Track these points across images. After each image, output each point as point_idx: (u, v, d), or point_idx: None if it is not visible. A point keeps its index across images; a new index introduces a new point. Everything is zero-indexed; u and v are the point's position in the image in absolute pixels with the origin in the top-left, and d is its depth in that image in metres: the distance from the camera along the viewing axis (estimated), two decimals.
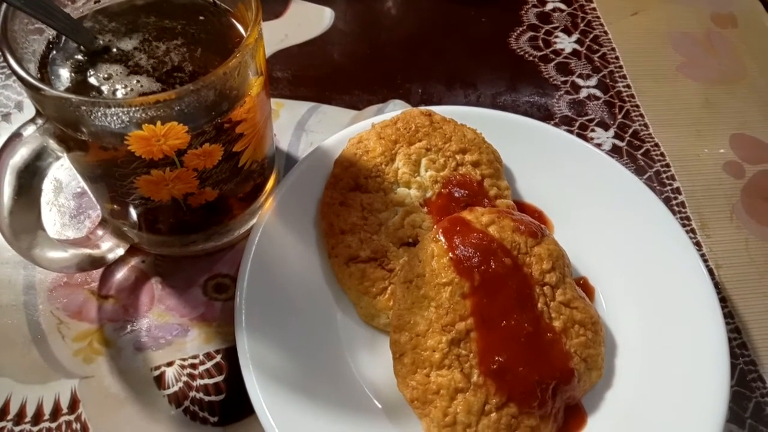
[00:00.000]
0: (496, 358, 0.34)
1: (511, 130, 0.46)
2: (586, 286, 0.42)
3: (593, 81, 0.56)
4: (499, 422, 0.34)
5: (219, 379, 0.38)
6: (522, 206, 0.44)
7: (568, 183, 0.45)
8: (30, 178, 0.31)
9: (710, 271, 0.43)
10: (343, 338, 0.39)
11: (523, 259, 0.37)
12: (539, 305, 0.36)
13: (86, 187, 0.41)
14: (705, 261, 0.45)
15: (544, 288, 0.37)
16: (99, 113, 0.29)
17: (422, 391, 0.34)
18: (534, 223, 0.39)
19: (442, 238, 0.36)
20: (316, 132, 0.50)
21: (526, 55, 0.58)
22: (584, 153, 0.46)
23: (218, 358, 0.39)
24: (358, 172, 0.42)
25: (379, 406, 0.37)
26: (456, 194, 0.41)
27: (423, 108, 0.45)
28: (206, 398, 0.37)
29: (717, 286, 0.40)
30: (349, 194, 0.41)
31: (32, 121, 0.31)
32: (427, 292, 0.35)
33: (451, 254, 0.36)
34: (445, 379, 0.34)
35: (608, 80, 0.56)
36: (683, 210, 0.48)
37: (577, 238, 0.42)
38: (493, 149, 0.44)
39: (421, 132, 0.43)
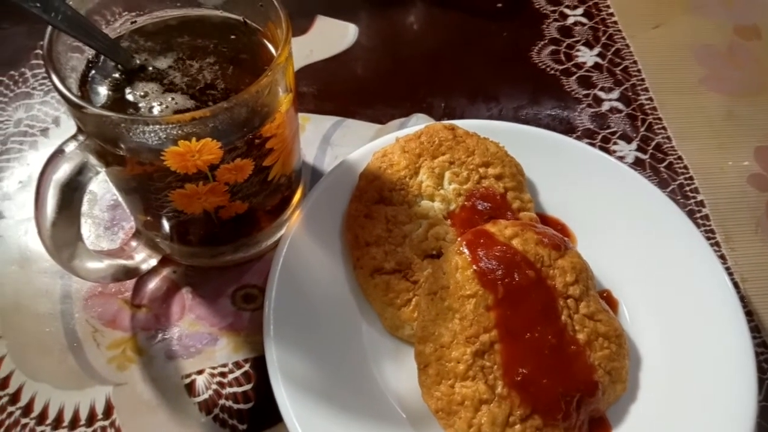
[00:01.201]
0: (521, 370, 0.35)
1: (534, 144, 0.47)
2: (609, 299, 0.42)
3: (615, 94, 0.57)
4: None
5: (248, 387, 0.39)
6: (545, 219, 0.45)
7: (591, 196, 0.45)
8: (71, 193, 0.32)
9: (735, 285, 0.43)
10: (368, 348, 0.40)
11: (546, 272, 0.37)
12: (563, 318, 0.37)
13: (121, 200, 0.42)
14: (730, 274, 0.44)
15: (568, 300, 0.37)
16: (137, 130, 0.31)
17: (447, 402, 0.35)
18: (557, 235, 0.39)
19: (466, 250, 0.37)
20: (341, 146, 0.51)
21: (548, 69, 0.58)
22: (607, 166, 0.46)
23: (247, 366, 0.40)
24: (383, 185, 0.43)
25: (404, 416, 0.37)
26: (479, 207, 0.42)
27: (446, 122, 0.46)
28: (235, 406, 0.38)
29: (743, 299, 0.40)
30: (374, 207, 0.42)
31: (74, 137, 0.32)
32: (451, 304, 0.36)
33: (475, 266, 0.36)
34: (469, 390, 0.34)
35: (630, 93, 0.57)
36: (707, 223, 0.48)
37: (601, 251, 0.42)
38: (516, 162, 0.45)
39: (445, 146, 0.44)
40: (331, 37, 0.59)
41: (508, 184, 0.43)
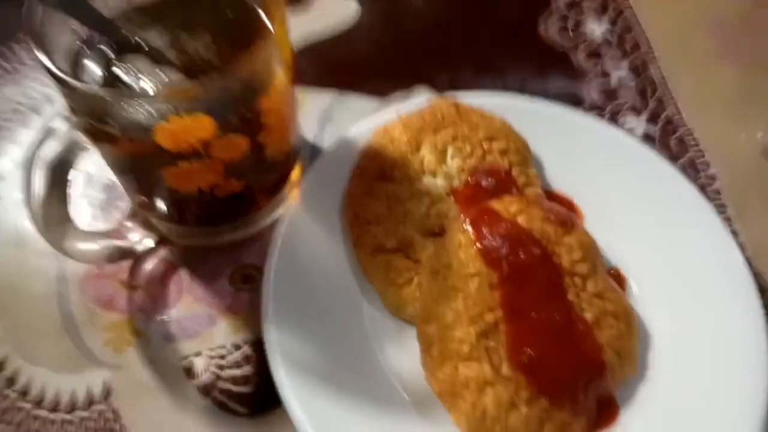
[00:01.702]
0: (526, 351, 0.34)
1: (540, 117, 0.45)
2: (618, 277, 0.41)
3: (624, 67, 0.55)
4: (530, 416, 0.33)
5: (247, 369, 0.38)
6: (552, 195, 0.43)
7: (599, 171, 0.44)
8: (60, 171, 0.31)
9: (748, 261, 0.42)
10: (369, 329, 0.39)
11: (552, 249, 0.36)
12: (570, 296, 0.36)
13: (115, 179, 0.41)
14: (743, 250, 0.43)
15: (575, 278, 0.36)
16: (125, 106, 0.30)
17: (450, 384, 0.34)
18: (564, 212, 0.38)
19: (469, 228, 0.36)
20: (341, 122, 0.49)
21: (555, 41, 0.56)
22: (615, 139, 0.44)
23: (246, 348, 0.39)
24: (384, 162, 0.41)
25: (407, 397, 0.36)
26: (483, 183, 0.41)
27: (450, 98, 0.44)
28: (235, 389, 0.38)
29: (756, 276, 0.39)
30: (375, 184, 0.41)
31: (62, 115, 0.31)
32: (454, 283, 0.35)
33: (478, 244, 0.35)
34: (473, 372, 0.34)
35: (640, 66, 0.55)
36: (718, 197, 0.47)
37: (609, 228, 0.41)
38: (521, 137, 0.43)
39: (448, 120, 0.42)
40: (332, 13, 0.57)
41: (513, 159, 0.42)
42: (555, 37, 0.57)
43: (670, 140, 0.50)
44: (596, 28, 0.58)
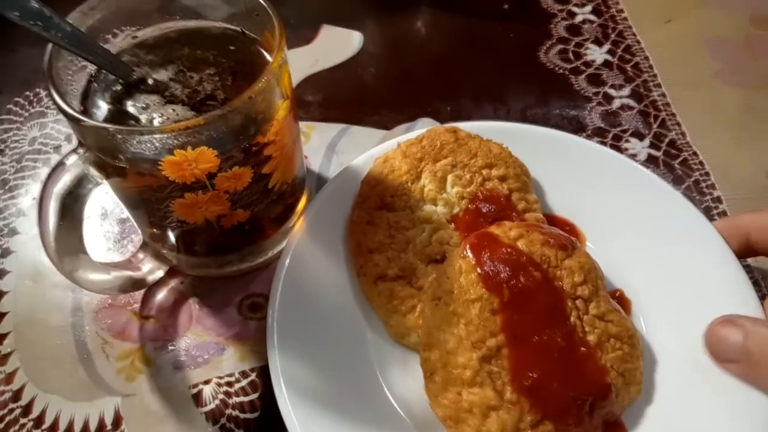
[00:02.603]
0: (529, 375, 0.34)
1: (539, 143, 0.46)
2: (622, 300, 0.41)
3: (626, 91, 0.55)
4: None
5: (254, 396, 0.39)
6: (552, 219, 0.44)
7: (600, 194, 0.44)
8: (72, 204, 0.32)
9: (755, 283, 0.41)
10: (373, 356, 0.39)
11: (553, 273, 0.36)
12: (572, 319, 0.36)
13: (127, 213, 0.43)
14: (749, 272, 0.43)
15: (577, 301, 0.36)
16: (133, 141, 0.31)
17: (454, 410, 0.34)
18: (564, 235, 0.38)
19: (469, 253, 0.36)
20: (347, 153, 0.51)
21: (557, 68, 0.57)
22: (615, 162, 0.45)
23: (253, 376, 0.40)
24: (385, 191, 0.42)
25: (411, 424, 0.36)
26: (483, 209, 0.41)
27: (448, 125, 0.45)
28: (242, 416, 0.38)
29: (762, 299, 0.39)
30: (376, 213, 0.41)
31: (74, 150, 0.33)
32: (456, 309, 0.35)
33: (479, 270, 0.35)
34: (477, 397, 0.34)
35: (642, 90, 0.55)
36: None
37: (613, 250, 0.41)
38: (521, 163, 0.44)
39: (447, 149, 0.43)
40: (336, 45, 0.59)
41: (512, 185, 0.43)
42: (556, 63, 0.58)
43: (675, 163, 0.50)
44: (597, 53, 0.58)
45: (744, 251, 0.39)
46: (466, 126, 0.46)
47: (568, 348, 0.35)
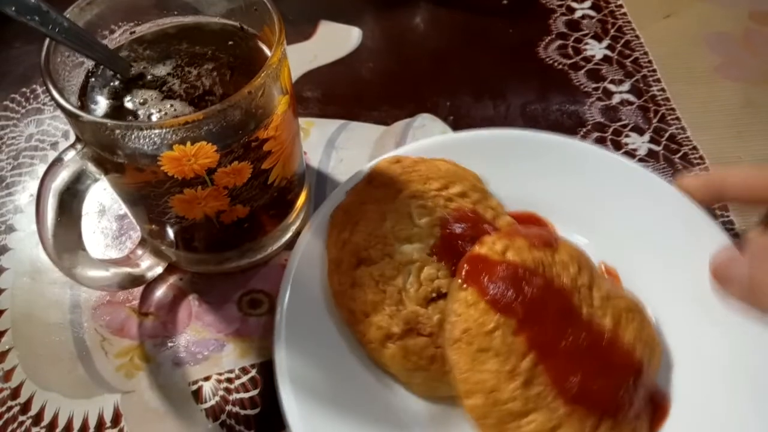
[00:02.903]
0: (572, 380, 0.33)
1: (483, 146, 0.45)
2: (609, 273, 0.42)
3: (626, 86, 0.55)
4: None
5: (254, 393, 0.39)
6: (517, 217, 0.43)
7: (552, 179, 0.44)
8: (70, 200, 0.32)
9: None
10: None
11: (550, 273, 0.36)
12: (585, 310, 0.36)
13: (126, 209, 0.42)
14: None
15: (581, 291, 0.36)
16: (132, 136, 0.31)
17: None
18: (543, 232, 0.39)
19: (468, 284, 0.35)
20: (346, 149, 0.50)
21: (556, 64, 0.57)
22: (556, 146, 0.45)
23: (253, 372, 0.40)
24: (357, 247, 0.39)
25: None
26: (458, 231, 0.39)
27: (390, 156, 0.43)
28: (242, 412, 0.38)
29: None
30: (356, 273, 0.38)
31: (72, 146, 0.32)
32: (480, 345, 0.34)
33: (485, 297, 0.34)
34: (536, 424, 0.33)
35: (642, 85, 0.55)
36: (726, 214, 0.47)
37: (581, 229, 0.43)
38: (472, 173, 0.43)
39: (398, 183, 0.41)
40: (334, 41, 0.59)
41: (473, 198, 0.41)
42: (556, 58, 0.58)
43: (675, 158, 0.50)
44: (597, 48, 0.58)
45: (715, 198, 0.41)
46: (409, 149, 0.45)
47: (594, 339, 0.35)
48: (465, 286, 0.35)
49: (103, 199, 0.48)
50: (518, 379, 0.33)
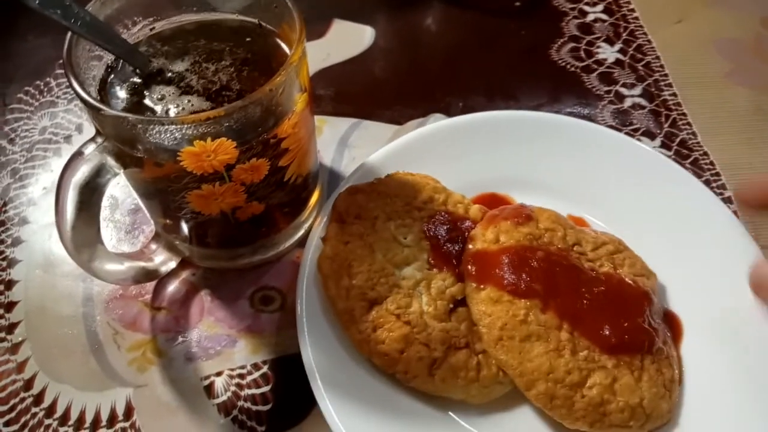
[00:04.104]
0: (607, 332, 0.35)
1: (430, 141, 0.46)
2: (577, 222, 0.44)
3: (638, 90, 0.55)
4: (653, 379, 0.35)
5: (266, 389, 0.39)
6: (481, 203, 0.44)
7: (509, 153, 0.46)
8: (90, 195, 0.32)
9: None
10: None
11: (544, 244, 0.38)
12: (586, 265, 0.38)
13: (141, 203, 0.43)
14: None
15: (575, 249, 0.39)
16: (153, 131, 0.31)
17: (594, 411, 0.34)
18: (516, 207, 0.40)
19: (483, 283, 0.36)
20: (359, 147, 0.51)
21: (568, 66, 0.57)
22: (533, 122, 0.47)
23: (265, 368, 0.40)
24: (361, 291, 0.37)
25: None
26: (442, 236, 0.40)
27: (348, 187, 0.42)
28: (254, 408, 0.38)
29: None
30: (372, 315, 0.36)
31: (92, 140, 0.33)
32: (521, 336, 0.35)
33: (505, 288, 0.36)
34: (598, 387, 0.34)
35: (653, 89, 0.55)
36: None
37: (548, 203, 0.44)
38: (428, 177, 0.43)
39: (368, 209, 0.40)
40: (348, 40, 0.59)
41: (438, 199, 0.41)
42: (568, 60, 0.58)
43: (686, 163, 0.50)
44: (609, 52, 0.58)
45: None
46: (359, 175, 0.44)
47: (605, 288, 0.37)
48: (481, 288, 0.36)
49: (115, 193, 0.48)
50: (565, 352, 0.35)
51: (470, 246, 0.38)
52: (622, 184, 0.44)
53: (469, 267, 0.37)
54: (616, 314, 0.36)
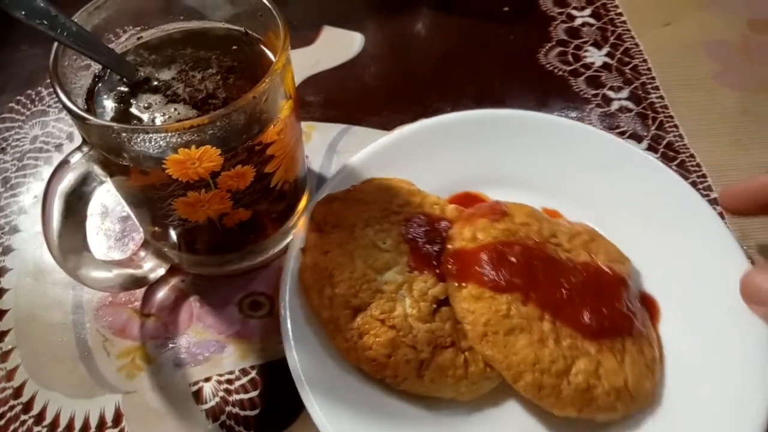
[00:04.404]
0: (587, 319, 0.36)
1: (403, 145, 0.47)
2: (551, 215, 0.44)
3: (625, 93, 0.56)
4: (636, 360, 0.36)
5: (254, 394, 0.39)
6: (456, 203, 0.44)
7: (497, 154, 0.47)
8: (76, 202, 0.33)
9: None
10: None
11: (521, 238, 0.38)
12: (562, 256, 0.39)
13: (129, 211, 0.43)
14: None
15: (550, 241, 0.40)
16: (138, 139, 0.31)
17: (581, 397, 0.35)
18: (490, 204, 0.41)
19: (464, 282, 0.37)
20: (347, 153, 0.51)
21: (556, 70, 0.58)
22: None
23: (253, 373, 0.40)
24: (344, 299, 0.37)
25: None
26: (420, 237, 0.40)
27: (321, 198, 0.42)
28: (242, 413, 0.38)
29: None
30: (357, 323, 0.37)
31: (78, 149, 0.33)
32: (504, 330, 0.35)
33: (486, 285, 0.36)
34: (582, 372, 0.35)
35: (640, 92, 0.56)
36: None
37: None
38: (403, 181, 0.43)
39: (346, 216, 0.40)
40: (337, 46, 0.60)
41: (415, 201, 0.42)
42: (556, 64, 0.58)
43: (672, 165, 0.50)
44: (596, 55, 0.59)
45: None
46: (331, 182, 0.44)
47: (583, 278, 0.38)
48: (462, 285, 0.36)
49: (105, 201, 0.48)
50: (549, 342, 0.35)
51: (449, 246, 0.39)
52: (592, 174, 0.45)
53: (450, 266, 0.38)
54: (596, 301, 0.37)
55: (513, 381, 0.35)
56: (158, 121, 0.35)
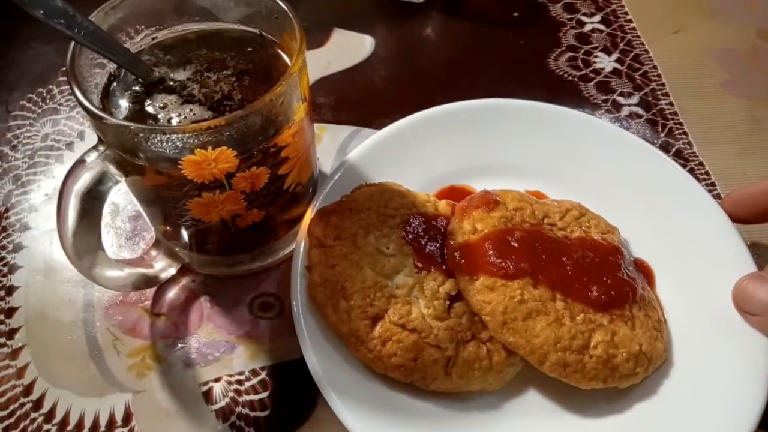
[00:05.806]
0: (596, 294, 0.37)
1: (386, 144, 0.47)
2: (537, 196, 0.45)
3: (635, 99, 0.56)
4: (645, 324, 0.37)
5: (264, 395, 0.39)
6: (446, 197, 0.45)
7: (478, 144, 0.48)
8: (92, 202, 0.33)
9: None
10: None
11: (518, 223, 0.40)
12: (559, 235, 0.40)
13: (141, 210, 0.43)
14: None
15: (545, 222, 0.41)
16: (155, 139, 0.31)
17: (604, 368, 0.36)
18: (482, 194, 0.42)
19: (475, 274, 0.37)
20: None
21: (566, 75, 0.58)
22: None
23: (263, 374, 0.40)
24: (362, 311, 0.37)
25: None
26: (421, 236, 0.40)
27: (314, 214, 0.41)
28: (252, 414, 0.38)
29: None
30: (378, 331, 0.36)
31: (94, 148, 0.33)
32: (522, 316, 0.36)
33: (497, 275, 0.37)
34: (601, 344, 0.36)
35: (650, 98, 0.56)
36: None
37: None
38: (386, 183, 0.43)
39: (343, 228, 0.40)
40: (348, 48, 0.60)
41: (405, 203, 0.42)
42: (566, 70, 0.58)
43: None
44: (606, 61, 0.59)
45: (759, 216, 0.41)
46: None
47: (582, 253, 0.39)
48: (474, 278, 0.37)
49: (116, 200, 0.49)
50: (565, 320, 0.36)
51: (451, 241, 0.39)
52: (568, 152, 0.47)
53: (458, 261, 0.38)
54: (598, 273, 0.38)
55: (539, 363, 0.36)
56: (174, 122, 0.35)
